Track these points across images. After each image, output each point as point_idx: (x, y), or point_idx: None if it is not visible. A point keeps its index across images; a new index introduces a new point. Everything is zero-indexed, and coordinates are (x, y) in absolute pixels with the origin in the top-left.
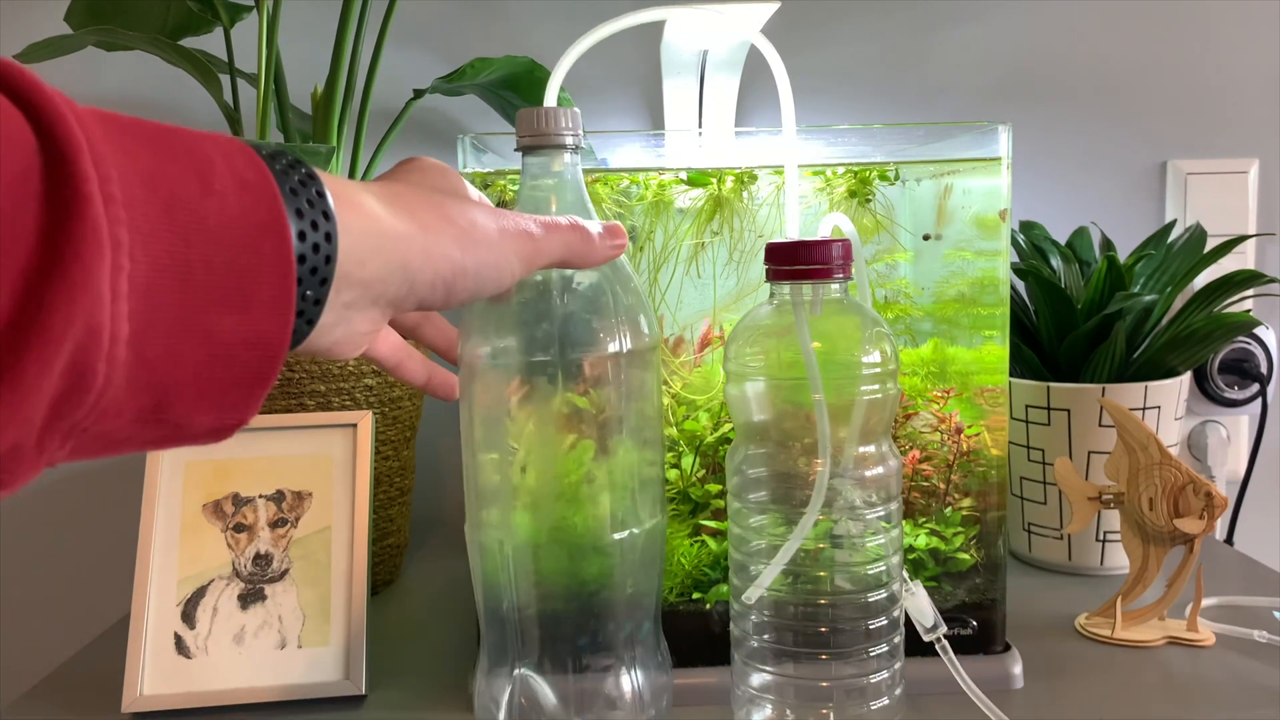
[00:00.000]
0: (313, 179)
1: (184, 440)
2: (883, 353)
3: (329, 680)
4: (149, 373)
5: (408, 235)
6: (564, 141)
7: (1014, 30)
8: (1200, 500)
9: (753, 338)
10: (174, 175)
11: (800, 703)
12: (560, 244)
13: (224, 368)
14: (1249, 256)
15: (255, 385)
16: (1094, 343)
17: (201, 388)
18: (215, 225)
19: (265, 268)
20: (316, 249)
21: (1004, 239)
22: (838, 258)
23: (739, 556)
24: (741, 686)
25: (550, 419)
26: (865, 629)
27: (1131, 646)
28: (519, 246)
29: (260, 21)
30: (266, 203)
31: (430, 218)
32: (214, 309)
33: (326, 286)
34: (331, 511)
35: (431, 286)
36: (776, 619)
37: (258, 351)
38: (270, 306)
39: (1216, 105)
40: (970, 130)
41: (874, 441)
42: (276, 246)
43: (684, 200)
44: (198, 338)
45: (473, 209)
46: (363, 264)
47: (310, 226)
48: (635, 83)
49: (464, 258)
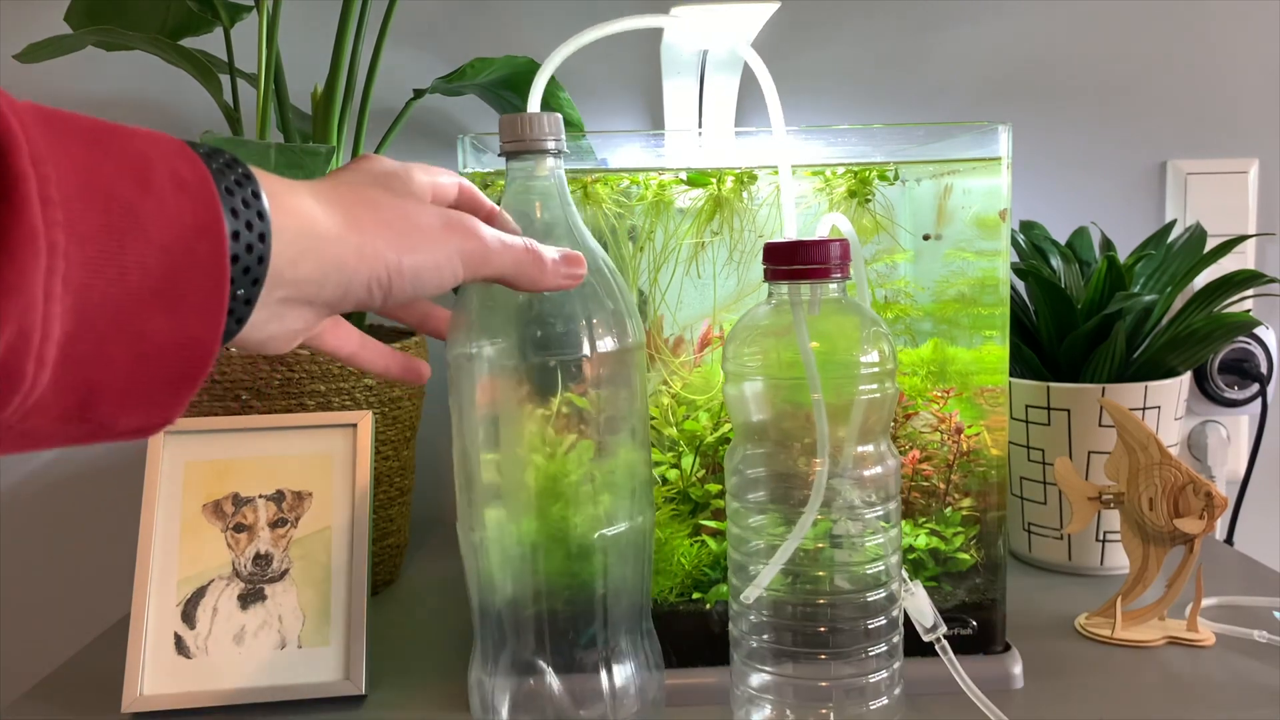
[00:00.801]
0: (249, 179)
1: (107, 438)
2: (881, 352)
3: (329, 680)
4: (77, 372)
5: (341, 237)
6: (546, 146)
7: (1014, 30)
8: (1200, 500)
9: (751, 338)
10: (111, 174)
11: (799, 703)
12: (510, 261)
13: (153, 368)
14: (1249, 256)
15: (183, 385)
16: (1094, 343)
17: (129, 388)
18: (151, 226)
19: (199, 269)
20: (250, 249)
21: (1004, 239)
22: (836, 257)
23: (738, 556)
24: (741, 687)
25: (538, 418)
26: (864, 629)
27: (1131, 646)
28: (463, 248)
29: (260, 21)
30: (203, 203)
31: (367, 219)
32: (146, 310)
33: (259, 286)
34: (331, 511)
35: (368, 287)
36: (775, 619)
37: (187, 352)
38: (202, 308)
39: (1216, 105)
40: (970, 130)
41: (872, 441)
42: (211, 248)
43: (684, 200)
44: (128, 338)
45: (414, 209)
46: (295, 264)
47: (245, 226)
48: (635, 83)
49: (400, 258)
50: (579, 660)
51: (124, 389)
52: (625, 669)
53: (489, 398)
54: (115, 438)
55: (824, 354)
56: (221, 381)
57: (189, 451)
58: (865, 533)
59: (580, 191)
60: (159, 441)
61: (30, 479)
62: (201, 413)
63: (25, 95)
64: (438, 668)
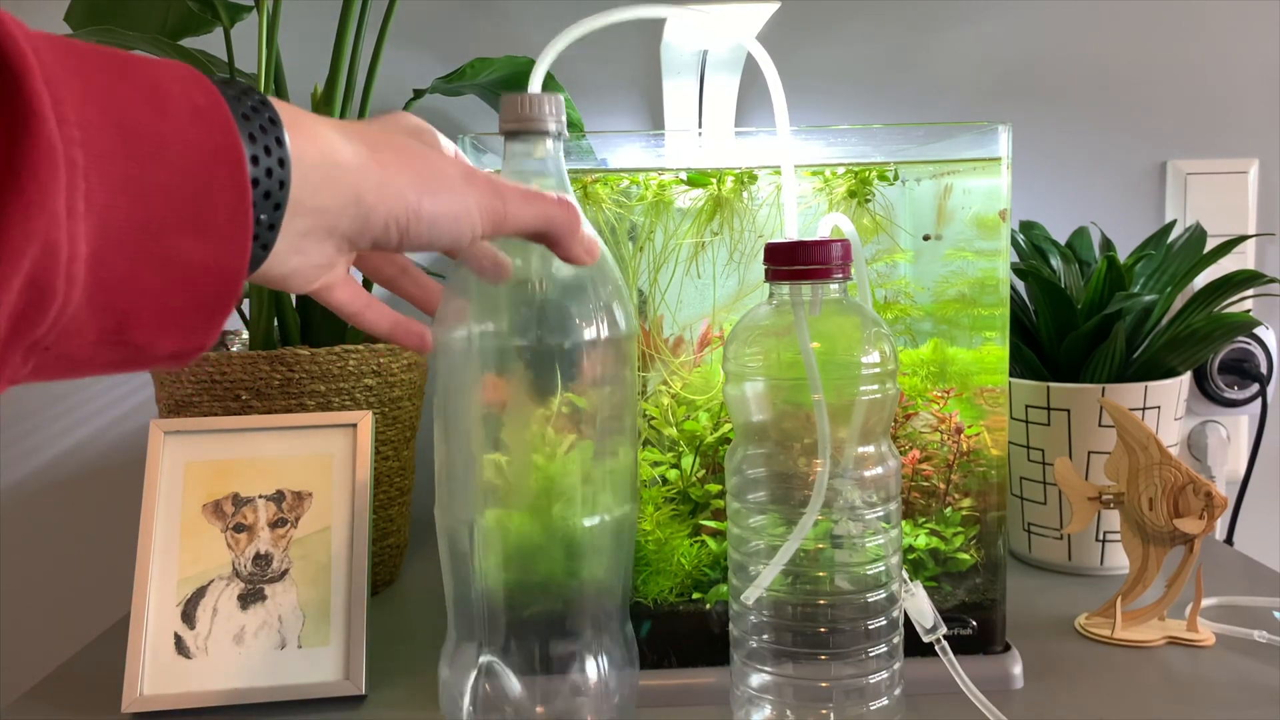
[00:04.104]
0: (265, 105)
1: (146, 364)
2: (881, 353)
3: (329, 680)
4: (109, 294)
5: (362, 168)
6: (547, 127)
7: (1014, 30)
8: (1200, 500)
9: (752, 338)
10: (128, 99)
11: (799, 703)
12: (538, 215)
13: (184, 291)
14: (1249, 256)
15: (215, 309)
16: (1094, 343)
17: (162, 311)
18: (170, 149)
19: (221, 192)
20: (270, 174)
21: (1004, 239)
22: (837, 258)
23: (738, 557)
24: (741, 687)
25: (523, 406)
26: (864, 629)
27: (1131, 646)
28: (484, 203)
29: (260, 21)
30: (221, 127)
31: (389, 157)
32: (172, 232)
33: (281, 212)
34: (331, 511)
35: (385, 225)
36: (776, 619)
37: (216, 276)
38: (227, 231)
39: (1216, 105)
40: (970, 130)
41: (873, 441)
42: (232, 171)
43: (684, 200)
44: (157, 261)
45: (438, 158)
46: (316, 191)
47: (264, 151)
48: (635, 83)
49: (419, 200)
50: (553, 652)
51: (157, 312)
52: (604, 664)
53: (471, 382)
54: (153, 364)
55: (824, 354)
56: (221, 381)
57: (189, 451)
58: (866, 533)
59: (580, 191)
60: (159, 441)
61: (30, 479)
62: (201, 413)
63: None
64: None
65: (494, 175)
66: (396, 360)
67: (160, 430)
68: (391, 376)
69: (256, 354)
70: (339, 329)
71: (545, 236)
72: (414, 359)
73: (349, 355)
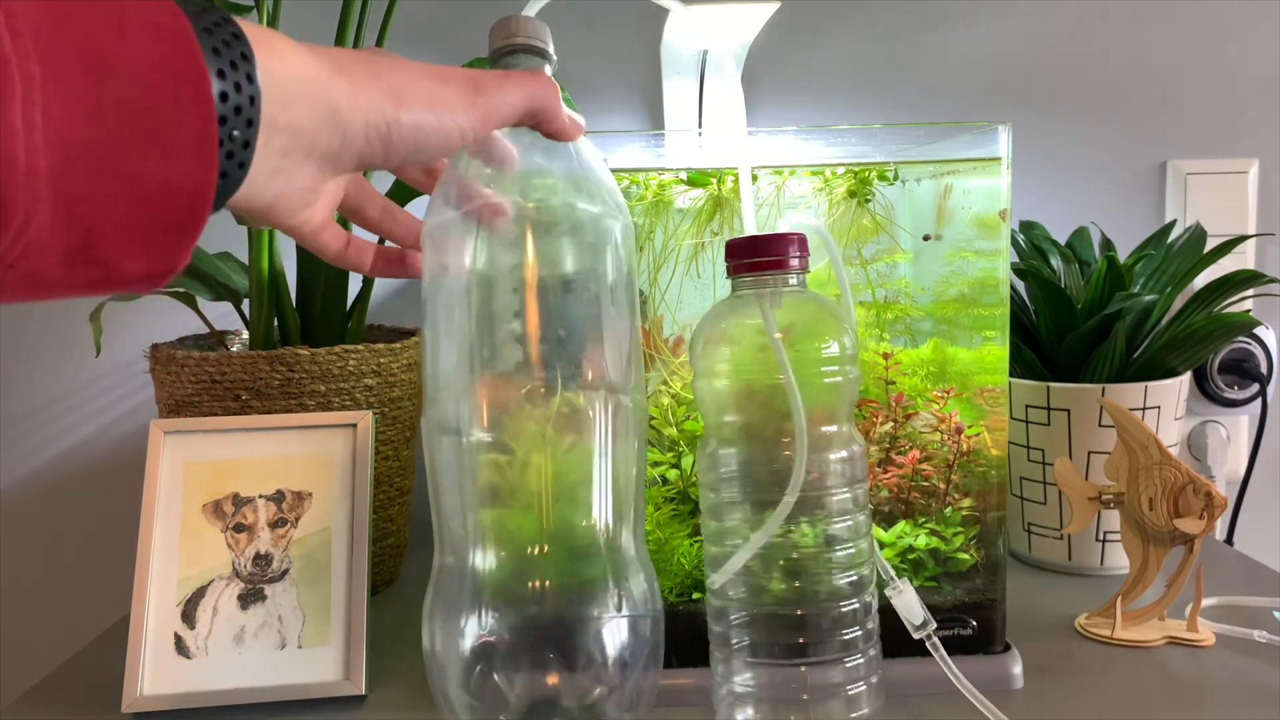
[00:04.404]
0: (228, 21)
1: (117, 285)
2: (840, 343)
3: (329, 680)
4: (72, 210)
5: (330, 80)
6: (536, 45)
7: (1014, 30)
8: (1200, 500)
9: (715, 333)
10: (85, 18)
11: (778, 701)
12: (521, 94)
13: (151, 210)
14: (1249, 256)
15: (185, 230)
16: (1094, 343)
17: (129, 230)
18: (129, 68)
19: (184, 111)
20: (239, 88)
21: (1004, 239)
22: (794, 251)
23: (715, 550)
24: (725, 687)
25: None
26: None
27: (1131, 646)
28: (466, 101)
29: (260, 22)
30: (183, 46)
31: (358, 69)
32: (135, 152)
33: (254, 128)
34: (331, 511)
35: (366, 137)
36: (750, 606)
37: (183, 195)
38: (193, 150)
39: (1216, 105)
40: (970, 130)
41: (837, 424)
42: (195, 89)
43: (684, 200)
44: (120, 179)
45: (411, 67)
46: (286, 106)
47: (229, 66)
48: (635, 83)
49: (397, 109)
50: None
51: (124, 231)
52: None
53: (471, 273)
54: (125, 285)
55: (786, 344)
56: (221, 381)
57: (189, 451)
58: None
59: None
60: (159, 441)
61: (30, 479)
62: (201, 413)
63: None
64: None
65: (469, 69)
66: (396, 360)
67: (160, 430)
68: (391, 376)
69: (256, 354)
70: (339, 329)
71: (533, 116)
72: (414, 359)
73: (349, 355)
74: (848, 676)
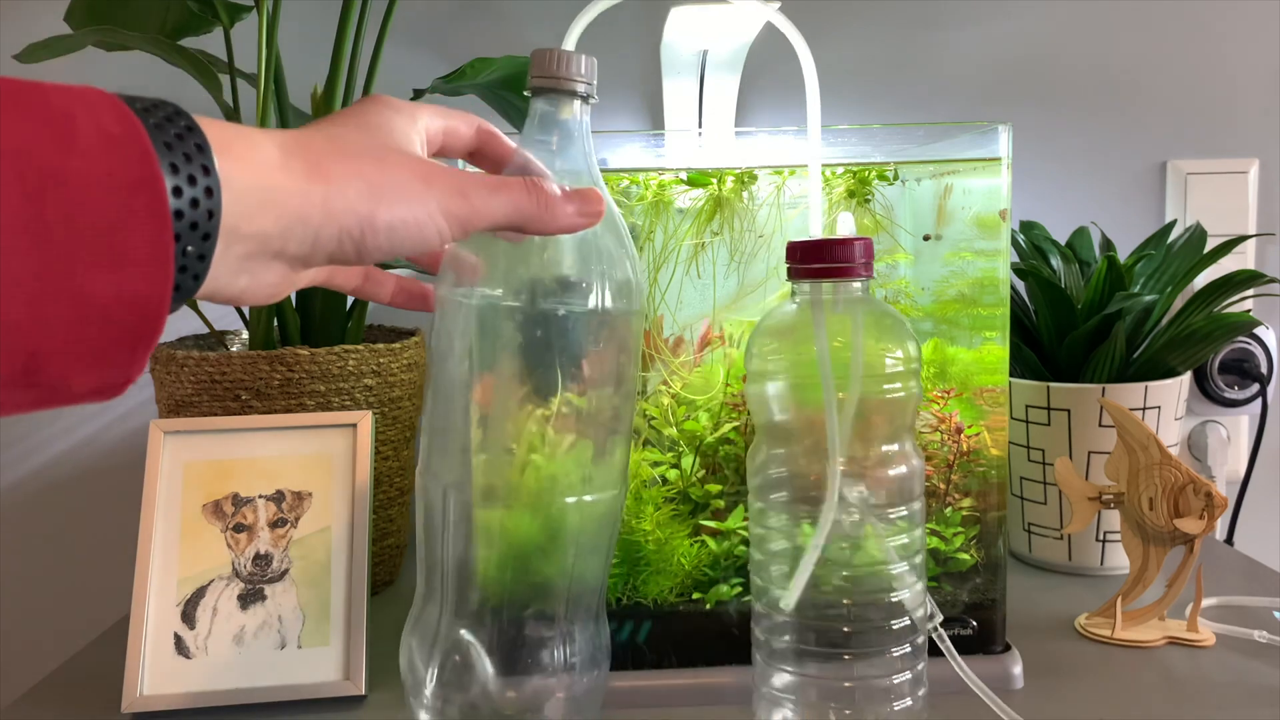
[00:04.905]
0: (192, 130)
1: (65, 401)
2: (905, 351)
3: (329, 680)
4: (12, 337)
5: (303, 187)
6: (575, 88)
7: (1014, 30)
8: (1200, 500)
9: (774, 336)
10: (28, 135)
11: (822, 703)
12: (507, 206)
13: (100, 328)
14: (1249, 256)
15: (137, 343)
16: (1094, 343)
17: (76, 349)
18: (78, 185)
19: (138, 224)
20: (196, 204)
21: (1004, 239)
22: (859, 257)
23: (760, 556)
24: (764, 687)
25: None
26: (888, 629)
27: (1131, 646)
28: (448, 205)
29: (260, 21)
30: (136, 158)
31: (337, 170)
32: (81, 268)
33: (211, 241)
34: (331, 511)
35: (339, 242)
36: (798, 619)
37: (136, 310)
38: (147, 265)
39: (1216, 105)
40: (970, 130)
41: (896, 441)
42: (150, 202)
43: (684, 200)
44: (66, 298)
45: (395, 161)
46: (251, 216)
47: (188, 181)
48: (635, 83)
49: (374, 212)
50: (524, 639)
51: (70, 351)
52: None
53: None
54: (74, 400)
55: (845, 354)
56: (221, 381)
57: (189, 451)
58: (888, 532)
59: None
60: (159, 441)
61: (30, 479)
62: (201, 413)
63: None
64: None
65: (458, 171)
66: (396, 360)
67: (160, 430)
68: (391, 376)
69: (256, 354)
70: (339, 329)
71: (516, 227)
72: (414, 359)
73: (349, 355)
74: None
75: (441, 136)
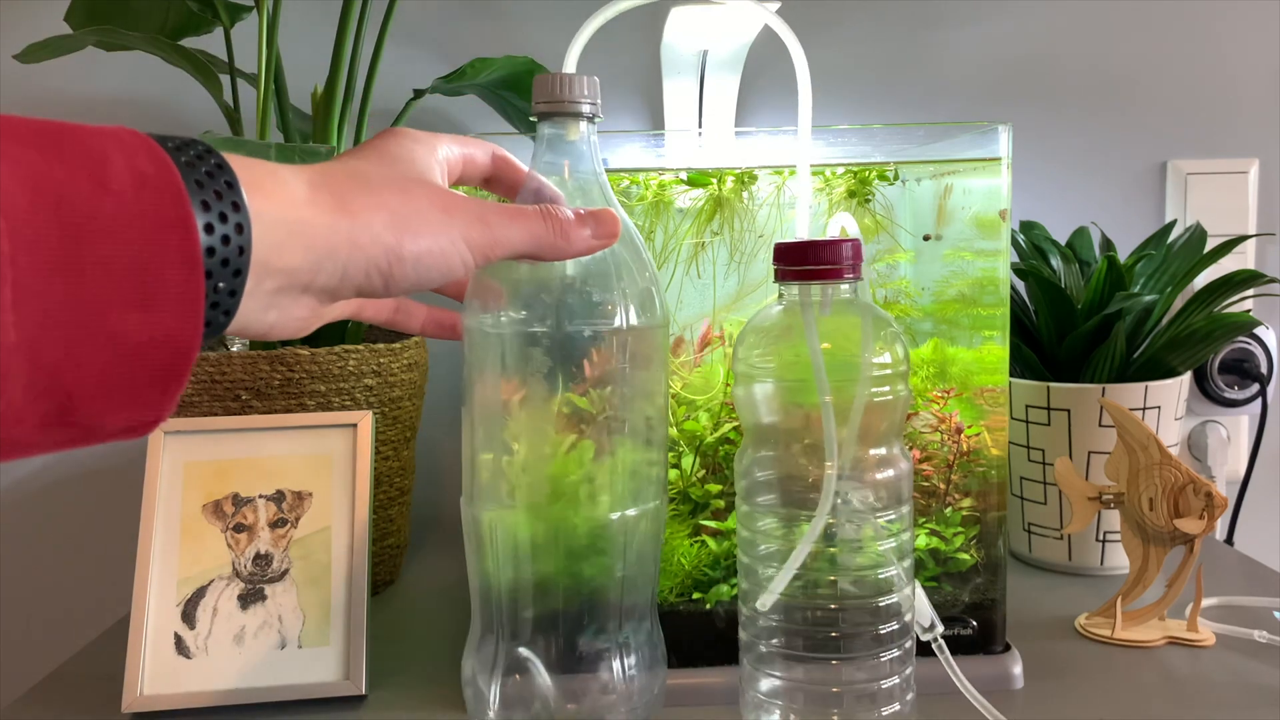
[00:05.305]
0: (222, 169)
1: (96, 440)
2: (893, 354)
3: (329, 680)
4: (48, 378)
5: (330, 220)
6: (580, 109)
7: (1014, 30)
8: (1200, 500)
9: (761, 339)
10: (62, 177)
11: (809, 708)
12: (525, 234)
13: (133, 367)
14: (1249, 256)
15: (169, 382)
16: (1094, 343)
17: (109, 388)
18: (111, 224)
19: (171, 265)
20: (227, 240)
21: (1004, 239)
22: (847, 258)
23: (747, 560)
24: (750, 691)
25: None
26: (875, 633)
27: (1131, 646)
28: (470, 234)
29: (260, 21)
30: (169, 197)
31: (362, 203)
32: (115, 309)
33: (241, 278)
34: (331, 511)
35: (367, 274)
36: (786, 623)
37: (167, 349)
38: (178, 303)
39: (1216, 105)
40: (970, 130)
41: (884, 444)
42: (181, 241)
43: (684, 200)
44: (100, 339)
45: (419, 193)
46: (281, 252)
47: (219, 219)
48: (635, 83)
49: (399, 244)
50: (580, 650)
51: (104, 390)
52: (626, 665)
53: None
54: (106, 439)
55: (834, 355)
56: (221, 381)
57: (189, 451)
58: (878, 537)
59: None
60: (159, 441)
61: (30, 479)
62: (201, 413)
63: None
64: (438, 668)
65: (477, 200)
66: (396, 360)
67: (160, 430)
68: (391, 376)
69: (256, 354)
70: (339, 329)
71: (532, 255)
72: (414, 359)
73: (349, 355)
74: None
75: (461, 165)
